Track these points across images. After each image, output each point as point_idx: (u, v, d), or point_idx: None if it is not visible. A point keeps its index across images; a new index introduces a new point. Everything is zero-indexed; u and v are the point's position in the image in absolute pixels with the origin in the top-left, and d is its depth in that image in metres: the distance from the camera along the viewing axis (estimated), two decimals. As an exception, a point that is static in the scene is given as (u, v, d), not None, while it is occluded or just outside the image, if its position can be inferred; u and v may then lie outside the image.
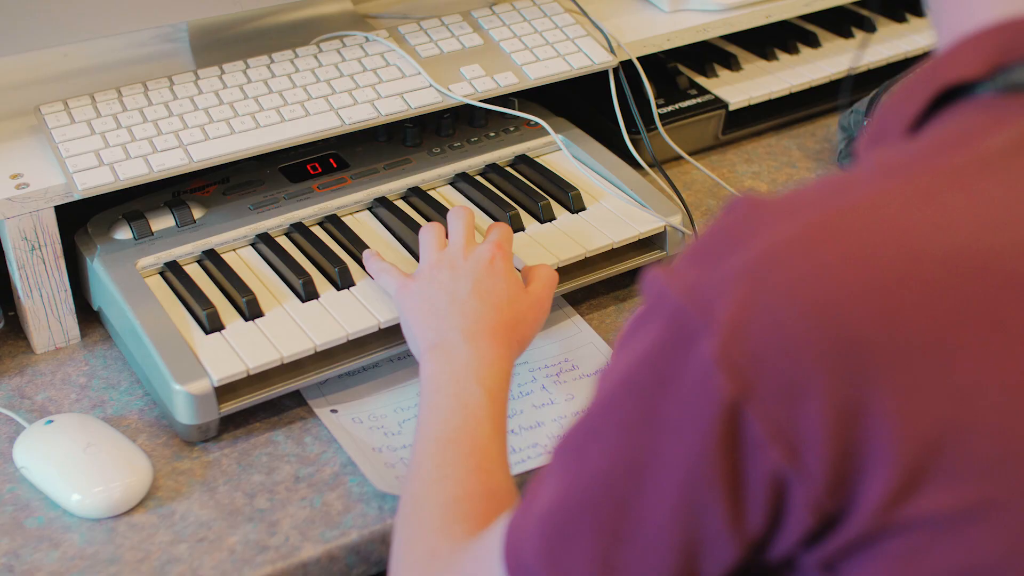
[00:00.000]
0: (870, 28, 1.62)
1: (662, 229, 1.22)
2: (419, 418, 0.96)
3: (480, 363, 0.97)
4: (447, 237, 1.11)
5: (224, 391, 1.05)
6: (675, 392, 0.64)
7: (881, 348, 0.60)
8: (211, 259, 1.16)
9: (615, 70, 1.35)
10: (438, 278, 1.05)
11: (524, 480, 1.03)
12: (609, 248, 1.20)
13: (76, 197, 1.11)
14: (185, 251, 1.16)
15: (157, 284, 1.13)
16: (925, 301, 0.61)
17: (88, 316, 1.20)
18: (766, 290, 0.62)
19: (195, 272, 1.15)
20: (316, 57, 1.28)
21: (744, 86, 1.50)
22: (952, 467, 0.61)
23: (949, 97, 0.70)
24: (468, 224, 1.10)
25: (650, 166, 1.38)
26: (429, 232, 1.11)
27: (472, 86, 1.27)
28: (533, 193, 1.25)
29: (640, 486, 0.66)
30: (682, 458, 0.64)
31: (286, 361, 1.06)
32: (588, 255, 1.19)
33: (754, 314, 0.61)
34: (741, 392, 0.62)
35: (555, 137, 1.31)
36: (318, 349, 1.07)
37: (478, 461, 0.90)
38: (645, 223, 1.22)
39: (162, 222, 1.18)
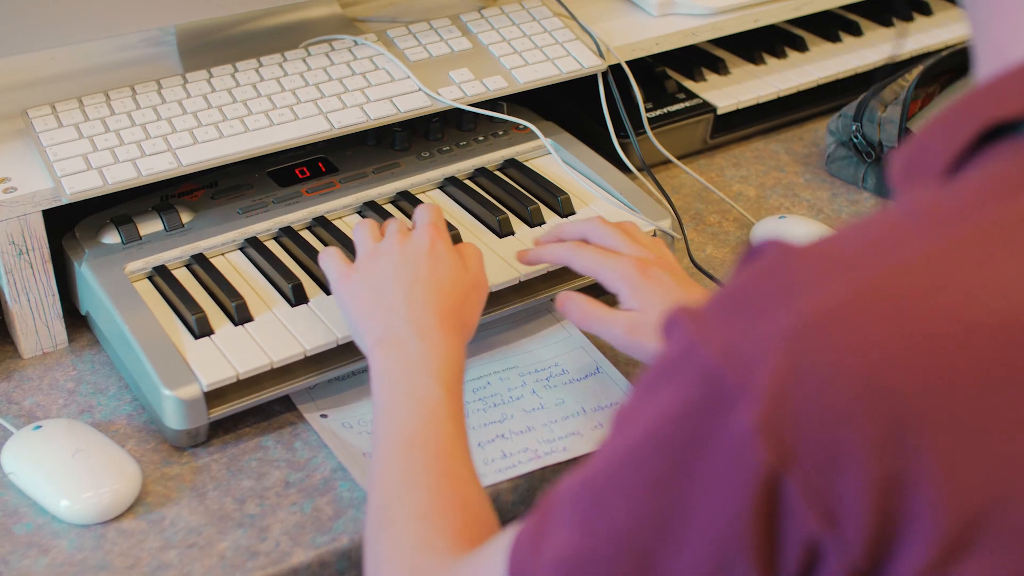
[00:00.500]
0: (856, 32, 1.62)
1: (652, 233, 1.22)
2: (376, 418, 0.94)
3: (433, 356, 0.95)
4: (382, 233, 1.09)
5: (213, 396, 1.04)
6: (709, 455, 0.62)
7: (927, 419, 0.58)
8: (200, 263, 1.15)
9: (604, 74, 1.35)
10: (378, 266, 1.03)
11: (516, 484, 1.03)
12: (599, 252, 1.20)
13: (64, 201, 1.10)
14: (174, 255, 1.15)
15: (146, 289, 1.13)
16: (973, 370, 0.59)
17: (75, 320, 1.19)
18: (810, 359, 0.59)
19: (184, 276, 1.15)
20: (305, 61, 1.28)
21: (732, 90, 1.50)
22: (995, 538, 0.59)
23: (994, 134, 0.65)
24: (401, 219, 1.08)
25: (639, 170, 1.37)
26: (362, 227, 1.09)
27: (461, 90, 1.27)
28: (522, 197, 1.25)
29: (666, 544, 0.64)
30: (714, 520, 0.62)
31: (276, 366, 1.06)
32: (578, 259, 1.19)
33: (797, 384, 0.59)
34: (781, 461, 0.60)
35: (545, 141, 1.31)
36: (308, 354, 1.07)
37: (445, 465, 0.89)
38: (635, 227, 1.22)
39: (150, 226, 1.18)
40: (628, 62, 1.38)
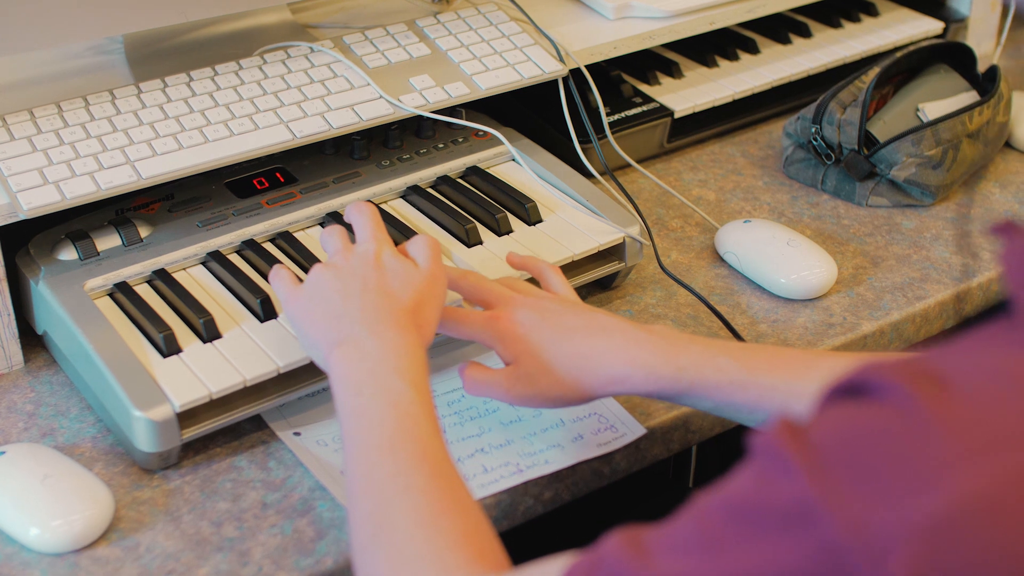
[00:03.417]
0: (806, 34, 1.62)
1: (621, 240, 1.20)
2: (346, 425, 0.90)
3: (395, 354, 0.92)
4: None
5: (185, 416, 1.01)
6: None
7: None
8: (162, 279, 1.11)
9: (565, 79, 1.33)
10: (324, 279, 0.99)
11: (499, 500, 1.01)
12: (569, 260, 1.18)
13: (21, 217, 1.06)
14: (134, 271, 1.12)
15: (107, 306, 1.09)
16: None
17: (30, 340, 1.15)
18: (955, 553, 0.54)
19: (146, 293, 1.11)
20: (261, 69, 1.24)
21: (687, 93, 1.49)
22: None
23: None
24: (342, 233, 1.04)
25: (601, 175, 1.36)
26: (331, 234, 1.04)
27: (423, 97, 1.25)
28: (488, 206, 1.22)
29: None
30: None
31: (249, 384, 1.02)
32: (548, 268, 1.17)
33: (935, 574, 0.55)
34: None
35: (511, 149, 1.28)
36: (281, 371, 1.04)
37: (432, 467, 0.85)
38: (604, 234, 1.20)
39: (107, 241, 1.14)
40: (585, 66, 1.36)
